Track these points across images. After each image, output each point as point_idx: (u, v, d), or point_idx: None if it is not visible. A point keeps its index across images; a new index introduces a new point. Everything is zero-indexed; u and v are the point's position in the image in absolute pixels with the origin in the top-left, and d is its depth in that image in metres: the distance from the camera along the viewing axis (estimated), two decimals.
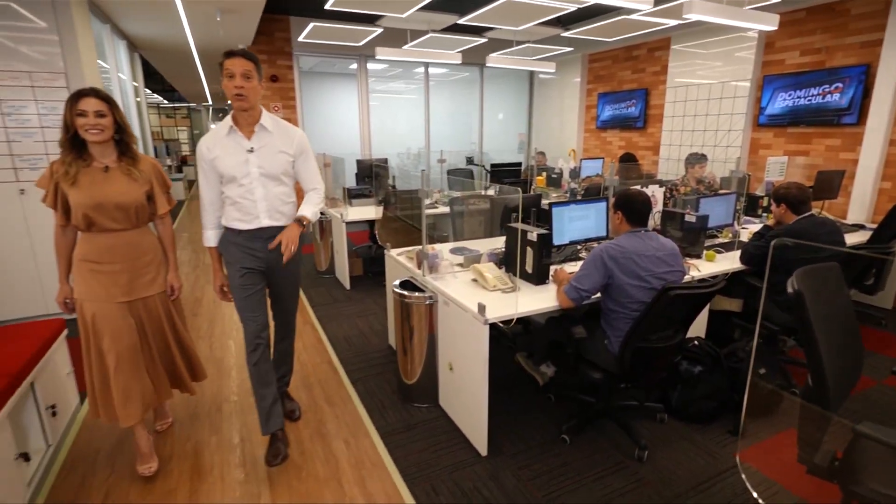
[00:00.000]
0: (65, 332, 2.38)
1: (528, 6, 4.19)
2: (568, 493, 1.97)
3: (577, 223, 2.63)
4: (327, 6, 4.33)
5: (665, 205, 3.56)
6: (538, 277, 2.43)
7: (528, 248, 2.44)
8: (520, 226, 2.45)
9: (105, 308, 1.87)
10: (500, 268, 2.58)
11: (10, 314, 3.51)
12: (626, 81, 6.58)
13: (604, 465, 2.14)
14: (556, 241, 2.61)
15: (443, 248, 3.06)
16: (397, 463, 2.15)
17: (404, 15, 4.66)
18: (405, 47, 5.76)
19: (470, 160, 6.07)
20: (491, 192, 4.72)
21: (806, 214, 2.70)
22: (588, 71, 7.24)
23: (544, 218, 2.73)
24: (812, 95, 4.45)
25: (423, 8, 4.50)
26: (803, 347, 1.52)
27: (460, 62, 5.60)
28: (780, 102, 4.71)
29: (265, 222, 1.99)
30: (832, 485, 1.49)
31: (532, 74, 8.42)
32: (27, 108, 3.43)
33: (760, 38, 4.81)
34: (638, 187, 3.07)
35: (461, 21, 4.98)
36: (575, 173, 5.23)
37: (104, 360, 1.89)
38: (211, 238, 2.09)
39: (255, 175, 1.94)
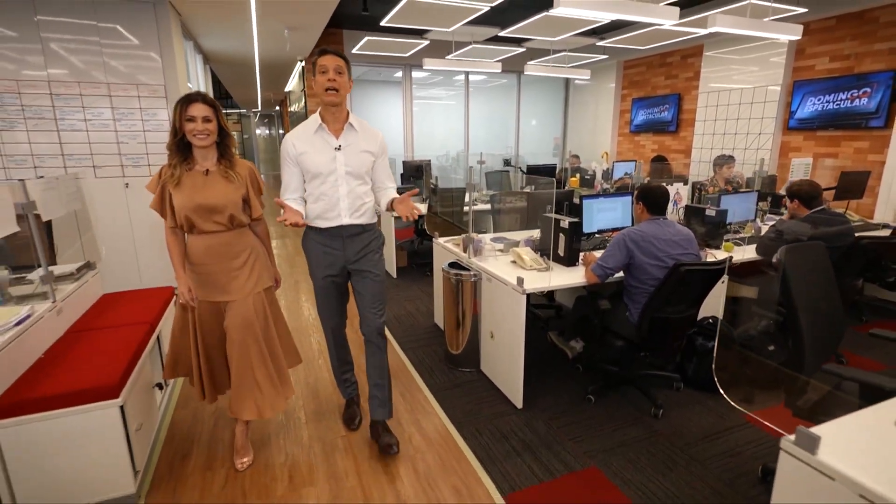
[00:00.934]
0: (175, 297, 2.92)
1: (565, 19, 4.56)
2: (590, 439, 2.33)
3: (604, 214, 2.98)
4: (383, 22, 4.84)
5: (692, 202, 3.85)
6: (569, 260, 2.81)
7: (561, 235, 2.82)
8: (554, 215, 2.84)
9: (204, 305, 1.96)
10: (535, 252, 2.97)
11: (115, 287, 4.14)
12: (660, 87, 6.82)
13: (623, 420, 2.49)
14: (585, 230, 2.97)
15: (484, 237, 3.47)
16: (446, 411, 2.57)
17: (450, 29, 5.11)
18: (449, 57, 6.22)
19: (507, 162, 6.46)
20: (528, 190, 5.09)
21: (817, 209, 2.97)
22: (623, 77, 7.51)
23: (575, 211, 3.10)
24: (841, 100, 4.62)
25: (468, 22, 4.94)
26: (787, 312, 1.85)
27: (500, 70, 6.01)
28: (810, 107, 4.88)
29: (346, 220, 2.02)
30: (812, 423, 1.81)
31: (568, 80, 8.74)
32: (134, 115, 4.07)
33: (791, 44, 5.01)
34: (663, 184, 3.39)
35: (502, 33, 5.39)
36: (607, 175, 5.54)
37: (209, 349, 2.02)
38: (294, 203, 2.02)
39: (341, 173, 1.99)
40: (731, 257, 2.65)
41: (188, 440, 2.33)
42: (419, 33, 6.12)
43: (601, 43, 6.23)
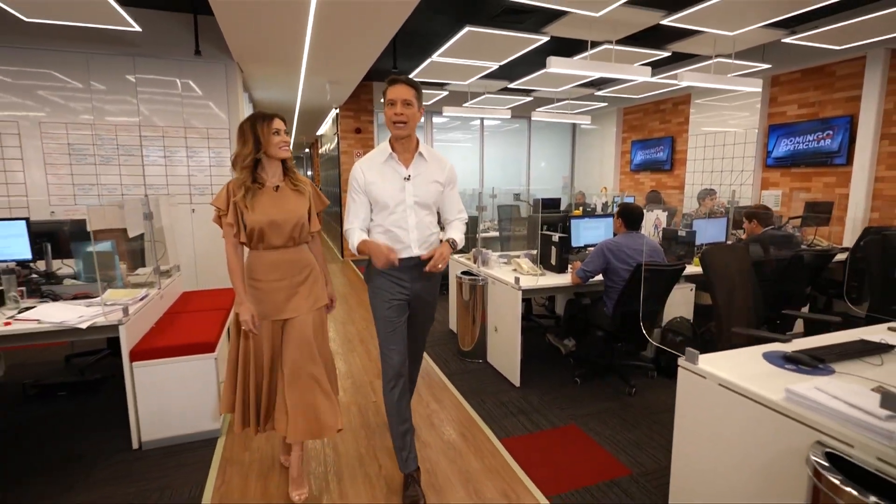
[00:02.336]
0: (226, 328, 3.56)
1: (563, 74, 5.36)
2: (573, 407, 2.88)
3: (589, 231, 3.61)
4: (410, 76, 5.71)
5: (668, 226, 4.46)
6: (559, 268, 3.42)
7: (553, 247, 3.45)
8: (543, 232, 3.49)
9: (263, 325, 1.92)
10: (533, 262, 3.60)
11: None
12: (656, 130, 7.55)
13: (602, 396, 3.02)
14: (574, 244, 3.60)
15: (491, 252, 4.11)
16: (458, 388, 3.14)
17: (466, 82, 5.97)
18: (465, 105, 7.09)
19: (517, 196, 7.16)
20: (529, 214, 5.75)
21: (771, 227, 3.55)
22: (623, 122, 8.29)
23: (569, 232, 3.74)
24: (809, 141, 5.24)
25: (482, 77, 5.79)
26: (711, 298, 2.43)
27: (510, 117, 6.82)
28: (784, 147, 5.51)
29: (415, 251, 1.95)
30: None
31: (574, 125, 9.56)
32: (202, 153, 4.93)
33: (765, 93, 5.70)
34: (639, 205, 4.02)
35: (511, 85, 6.23)
36: (606, 207, 6.18)
37: (259, 374, 1.96)
38: (359, 235, 1.95)
39: (410, 203, 1.93)
40: (685, 263, 3.23)
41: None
42: (440, 86, 7.01)
43: (599, 93, 7.03)
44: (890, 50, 4.55)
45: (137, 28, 3.79)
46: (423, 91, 7.06)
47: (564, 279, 3.27)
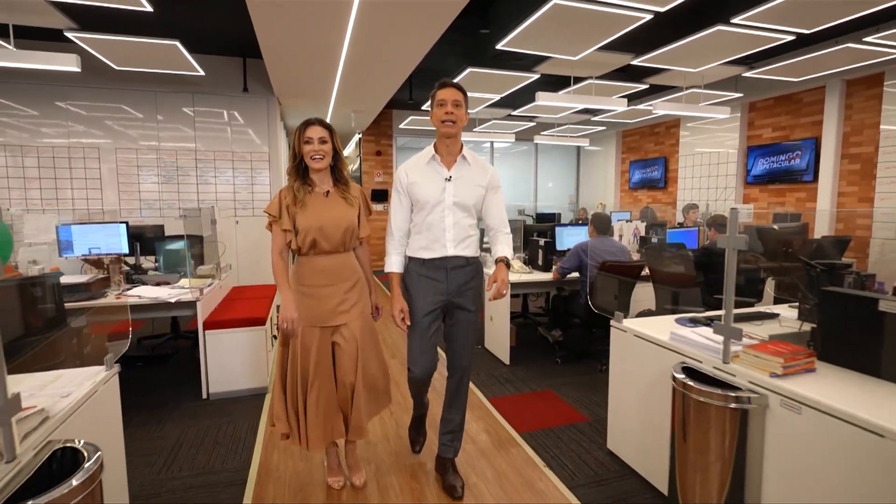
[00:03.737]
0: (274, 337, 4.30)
1: (557, 107, 6.08)
2: (552, 378, 3.49)
3: (571, 237, 4.25)
4: (424, 107, 6.51)
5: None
6: (545, 267, 4.07)
7: (539, 250, 4.11)
8: (532, 238, 4.15)
9: (308, 332, 1.91)
10: (524, 263, 4.25)
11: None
12: (651, 151, 8.18)
13: (577, 372, 3.63)
14: (559, 248, 4.24)
15: (486, 255, 4.78)
16: None
17: (474, 111, 6.73)
18: (475, 130, 7.85)
19: (521, 211, 7.83)
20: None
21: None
22: (622, 144, 8.94)
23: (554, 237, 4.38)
24: (781, 160, 5.81)
25: (487, 106, 6.55)
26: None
27: (514, 140, 7.55)
28: (761, 166, 6.09)
29: (451, 251, 1.98)
30: None
31: (579, 147, 10.24)
32: (246, 174, 5.77)
33: (743, 119, 6.30)
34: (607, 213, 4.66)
35: (514, 112, 6.97)
36: None
37: (304, 383, 1.92)
38: (395, 263, 2.06)
39: (448, 203, 1.96)
40: (643, 261, 3.83)
41: None
42: None
43: (595, 118, 7.72)
44: (845, 80, 5.13)
45: (201, 72, 4.66)
46: None
47: (548, 276, 3.92)
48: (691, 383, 1.75)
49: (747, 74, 4.83)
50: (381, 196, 8.61)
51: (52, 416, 1.35)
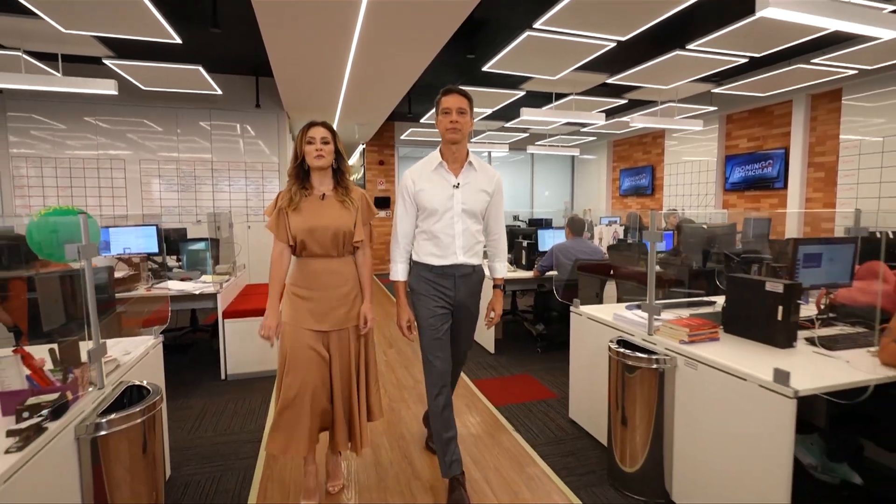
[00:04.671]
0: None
1: (543, 121, 6.52)
2: (531, 365, 3.90)
3: (552, 239, 4.68)
4: (422, 120, 6.98)
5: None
6: (528, 266, 4.49)
7: (523, 251, 4.54)
8: (516, 240, 4.58)
9: (300, 334, 1.88)
10: (510, 263, 4.68)
11: None
12: (639, 160, 8.60)
13: (554, 360, 4.03)
14: (541, 249, 4.67)
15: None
16: None
17: None
18: (471, 141, 8.32)
19: (515, 217, 8.27)
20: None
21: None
22: (613, 153, 9.37)
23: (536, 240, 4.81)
24: (755, 169, 6.22)
25: (482, 119, 7.01)
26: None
27: (507, 151, 8.01)
28: (738, 174, 6.49)
29: (461, 259, 1.98)
30: None
31: (573, 156, 10.68)
32: (257, 182, 6.25)
33: (721, 130, 6.72)
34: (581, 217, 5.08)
35: (507, 124, 7.43)
36: (590, 225, 7.21)
37: (289, 387, 1.87)
38: (400, 272, 2.06)
39: (458, 211, 1.96)
40: (612, 262, 4.24)
41: None
42: None
43: (584, 129, 8.17)
44: (809, 95, 5.54)
45: (218, 91, 5.16)
46: (435, 130, 8.30)
47: (530, 274, 4.34)
48: (622, 350, 2.17)
49: (717, 90, 5.26)
50: (384, 203, 9.09)
51: (121, 365, 1.80)
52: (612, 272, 3.95)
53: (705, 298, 2.93)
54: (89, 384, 1.55)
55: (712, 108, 6.07)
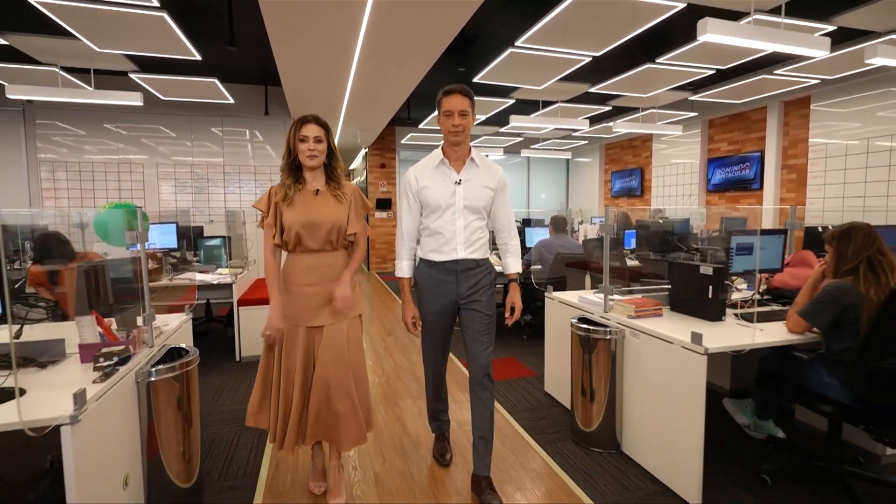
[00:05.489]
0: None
1: (533, 127, 6.92)
2: (517, 349, 4.27)
3: (537, 236, 5.06)
4: (421, 125, 7.39)
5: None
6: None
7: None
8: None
9: (293, 331, 1.89)
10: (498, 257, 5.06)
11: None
12: (629, 163, 8.98)
13: (539, 345, 4.40)
14: (527, 244, 5.05)
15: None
16: None
17: None
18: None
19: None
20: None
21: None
22: (605, 155, 9.75)
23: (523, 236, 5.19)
24: (735, 171, 6.58)
25: (477, 124, 7.41)
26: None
27: (503, 154, 8.40)
28: (719, 176, 6.86)
29: (462, 254, 1.99)
30: None
31: (568, 159, 11.06)
32: (266, 183, 6.67)
33: (704, 134, 7.09)
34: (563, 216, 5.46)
35: (502, 129, 7.83)
36: (580, 223, 7.59)
37: (287, 383, 1.89)
38: (405, 269, 2.09)
39: (459, 206, 1.97)
40: (587, 257, 4.61)
41: None
42: None
43: (576, 133, 8.56)
44: (783, 102, 5.91)
45: (231, 100, 5.58)
46: (433, 134, 8.73)
47: (516, 267, 4.72)
48: (582, 325, 2.55)
49: (693, 98, 5.63)
50: (386, 205, 9.49)
51: (163, 332, 2.20)
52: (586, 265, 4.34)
53: (663, 285, 3.30)
54: (143, 343, 1.94)
55: (693, 114, 6.45)
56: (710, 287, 2.34)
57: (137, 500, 1.80)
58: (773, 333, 2.14)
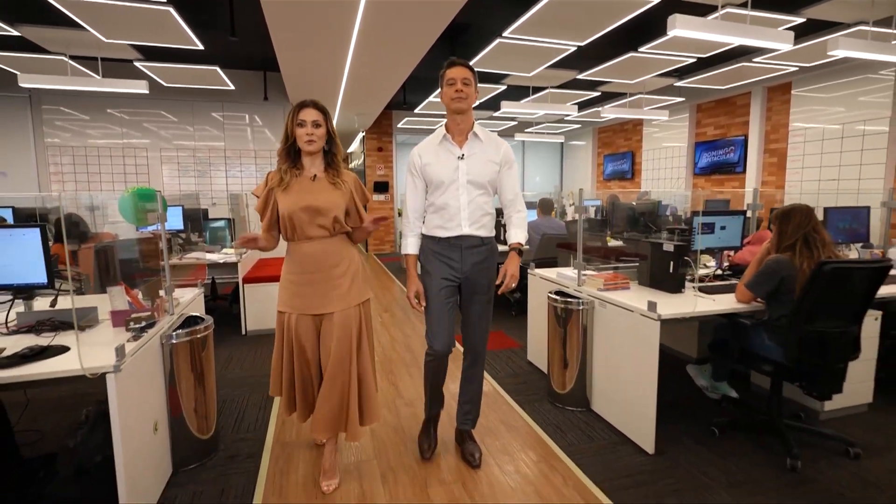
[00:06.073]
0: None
1: (524, 112, 7.10)
2: (504, 323, 4.55)
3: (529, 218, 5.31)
4: (416, 110, 7.56)
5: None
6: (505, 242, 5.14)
7: (502, 228, 5.16)
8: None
9: (302, 320, 1.89)
10: None
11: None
12: (621, 146, 9.17)
13: (518, 321, 4.70)
14: None
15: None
16: None
17: None
18: None
19: None
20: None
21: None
22: (598, 139, 9.93)
23: None
24: (720, 154, 6.80)
25: (475, 108, 7.59)
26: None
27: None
28: (705, 159, 7.08)
29: (466, 230, 1.98)
30: None
31: (562, 143, 11.23)
32: (266, 166, 6.88)
33: (692, 118, 7.28)
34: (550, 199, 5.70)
35: (496, 113, 8.00)
36: (571, 206, 7.82)
37: (303, 367, 1.93)
38: (411, 245, 2.09)
39: (463, 182, 1.96)
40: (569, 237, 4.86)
41: None
42: (442, 116, 8.86)
43: (568, 117, 8.73)
44: (766, 87, 6.10)
45: (231, 86, 5.76)
46: (428, 118, 8.88)
47: (505, 247, 4.99)
48: (557, 297, 2.81)
49: (679, 84, 5.82)
50: (383, 188, 9.70)
51: (180, 303, 2.46)
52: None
53: (635, 262, 3.57)
54: (165, 311, 2.21)
55: (680, 99, 6.63)
56: (672, 262, 2.60)
57: (164, 445, 2.09)
58: (724, 303, 2.41)
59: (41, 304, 2.25)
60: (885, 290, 2.69)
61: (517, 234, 2.11)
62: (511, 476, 2.15)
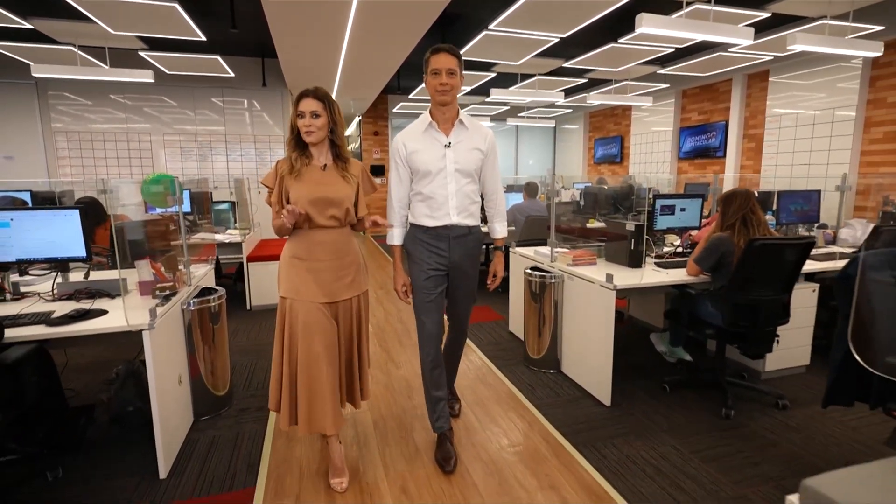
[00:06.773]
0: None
1: (519, 99, 7.33)
2: (490, 299, 4.88)
3: (513, 201, 5.61)
4: (411, 95, 7.78)
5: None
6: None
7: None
8: None
9: (312, 308, 1.85)
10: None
11: None
12: (611, 131, 9.41)
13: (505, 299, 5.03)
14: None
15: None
16: None
17: None
18: None
19: None
20: None
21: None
22: (589, 123, 10.16)
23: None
24: (702, 139, 7.07)
25: (466, 93, 7.80)
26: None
27: (491, 122, 8.82)
28: (689, 144, 7.34)
29: (454, 219, 1.97)
30: None
31: (555, 127, 11.45)
32: (266, 151, 7.13)
33: (677, 104, 7.51)
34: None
35: (488, 99, 8.22)
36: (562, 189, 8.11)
37: (308, 361, 1.84)
38: (396, 236, 2.07)
39: (451, 170, 1.94)
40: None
41: None
42: None
43: (560, 102, 8.95)
44: (746, 75, 6.34)
45: (231, 73, 5.98)
46: (424, 103, 9.09)
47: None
48: (533, 272, 3.14)
49: (662, 71, 6.06)
50: (379, 171, 9.96)
51: (195, 276, 2.78)
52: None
53: (604, 241, 3.89)
54: (184, 283, 2.53)
55: (665, 86, 6.87)
56: (632, 240, 2.92)
57: (187, 396, 2.43)
58: (675, 276, 2.73)
59: (74, 276, 2.57)
60: (821, 265, 3.03)
61: (500, 228, 2.21)
62: (485, 424, 2.50)
